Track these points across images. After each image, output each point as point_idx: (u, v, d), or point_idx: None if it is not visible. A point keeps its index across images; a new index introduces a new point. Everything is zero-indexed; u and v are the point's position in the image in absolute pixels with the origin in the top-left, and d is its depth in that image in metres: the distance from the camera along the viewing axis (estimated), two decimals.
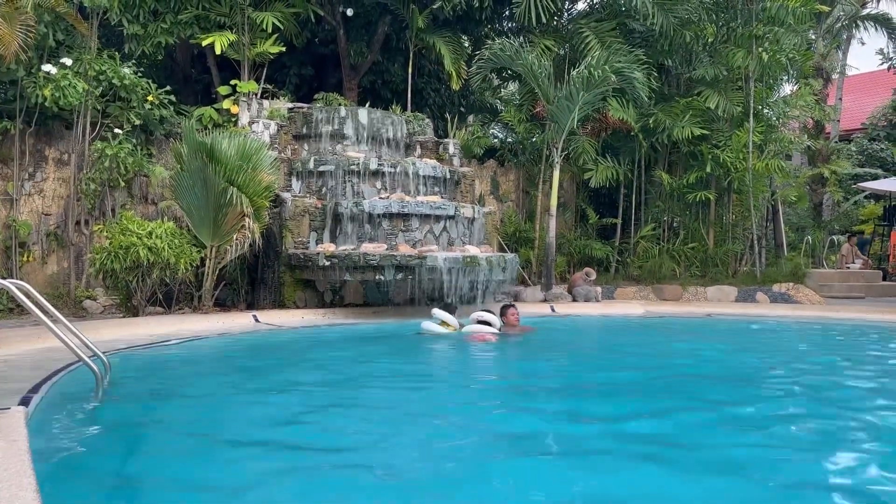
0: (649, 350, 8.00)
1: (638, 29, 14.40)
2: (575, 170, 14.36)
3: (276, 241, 9.95)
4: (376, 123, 11.62)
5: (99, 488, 3.19)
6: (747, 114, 13.36)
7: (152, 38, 11.74)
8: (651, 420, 4.52)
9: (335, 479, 3.34)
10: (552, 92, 12.41)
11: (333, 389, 5.47)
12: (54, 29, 9.94)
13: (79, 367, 5.10)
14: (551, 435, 4.17)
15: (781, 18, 13.06)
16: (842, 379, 6.15)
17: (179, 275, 8.75)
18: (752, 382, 6.02)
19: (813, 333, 9.70)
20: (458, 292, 9.36)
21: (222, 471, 3.44)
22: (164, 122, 10.94)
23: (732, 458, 3.68)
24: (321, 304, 10.04)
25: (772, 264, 14.31)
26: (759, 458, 3.66)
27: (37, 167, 10.24)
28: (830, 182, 18.93)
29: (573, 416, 4.64)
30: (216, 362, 6.86)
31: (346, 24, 14.08)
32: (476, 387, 5.92)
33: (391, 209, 10.07)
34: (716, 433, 4.21)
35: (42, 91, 9.36)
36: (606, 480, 3.33)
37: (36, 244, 10.17)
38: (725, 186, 14.11)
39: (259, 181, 9.24)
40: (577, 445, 3.94)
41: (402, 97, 14.23)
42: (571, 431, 4.26)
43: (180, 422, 4.45)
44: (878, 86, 25.12)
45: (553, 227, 12.46)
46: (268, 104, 11.51)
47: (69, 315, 8.24)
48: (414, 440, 4.04)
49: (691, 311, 11.29)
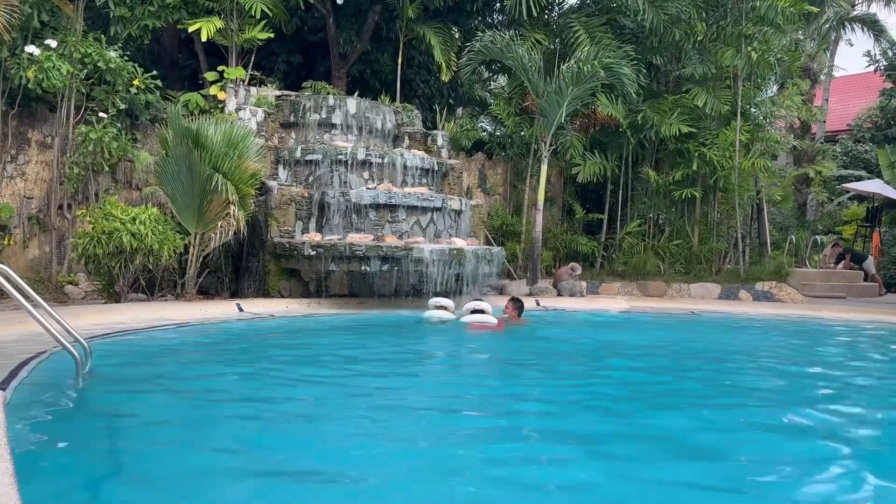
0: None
1: (628, 25, 14.42)
2: (563, 165, 14.37)
3: (261, 229, 9.88)
4: (365, 113, 11.56)
5: (76, 474, 3.16)
6: (735, 112, 13.43)
7: (139, 21, 11.59)
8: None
9: (308, 479, 3.32)
10: (542, 86, 12.39)
11: (318, 379, 5.45)
12: (39, 10, 9.78)
13: (59, 353, 5.05)
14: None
15: (770, 18, 13.13)
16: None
17: (163, 261, 8.67)
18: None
19: (805, 333, 9.73)
20: (444, 285, 9.37)
21: (200, 460, 3.41)
22: (149, 107, 10.82)
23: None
24: (306, 294, 10.00)
25: (755, 263, 14.41)
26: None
27: (19, 150, 10.09)
28: (815, 182, 19.07)
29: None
30: (198, 350, 6.81)
31: (335, 11, 13.97)
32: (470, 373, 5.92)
33: (378, 200, 10.03)
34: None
35: (25, 73, 9.22)
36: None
37: (17, 228, 10.04)
38: (711, 184, 14.18)
39: (245, 169, 9.16)
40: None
41: (392, 87, 14.16)
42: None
43: (160, 410, 4.41)
44: (864, 88, 25.28)
45: (540, 221, 12.47)
46: (255, 91, 11.42)
47: (50, 300, 8.13)
48: (400, 431, 4.03)
49: (675, 308, 11.35)
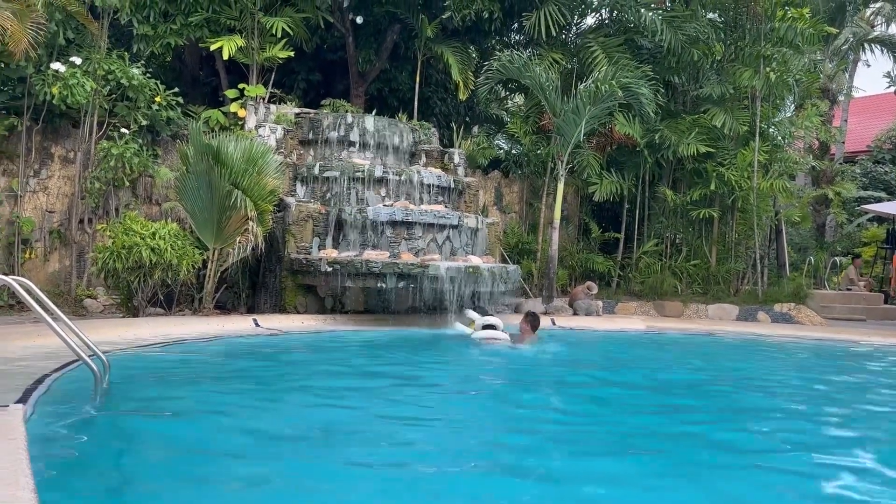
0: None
1: (646, 45, 14.43)
2: (579, 183, 14.35)
3: (278, 245, 9.93)
4: (382, 131, 11.62)
5: (95, 488, 3.17)
6: (753, 133, 13.37)
7: (161, 39, 11.77)
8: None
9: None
10: (559, 105, 12.42)
11: (338, 395, 5.44)
12: (65, 27, 9.96)
13: (78, 366, 5.08)
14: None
15: (790, 39, 13.09)
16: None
17: (181, 276, 8.73)
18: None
19: (828, 355, 9.56)
20: (460, 302, 9.35)
21: (218, 475, 3.41)
22: (170, 124, 10.94)
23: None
24: (322, 310, 10.01)
25: (774, 284, 14.27)
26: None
27: (42, 164, 10.23)
28: (834, 203, 18.90)
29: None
30: (216, 366, 6.83)
31: (355, 31, 14.11)
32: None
33: (395, 217, 10.06)
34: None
35: (50, 89, 9.37)
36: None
37: (39, 241, 10.16)
38: (729, 204, 14.09)
39: (264, 185, 9.23)
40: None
41: (409, 105, 14.24)
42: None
43: (177, 424, 4.42)
44: (883, 109, 25.10)
45: (556, 239, 12.45)
46: (275, 109, 11.52)
47: (69, 313, 8.21)
48: (412, 449, 4.01)
49: (693, 328, 11.25)
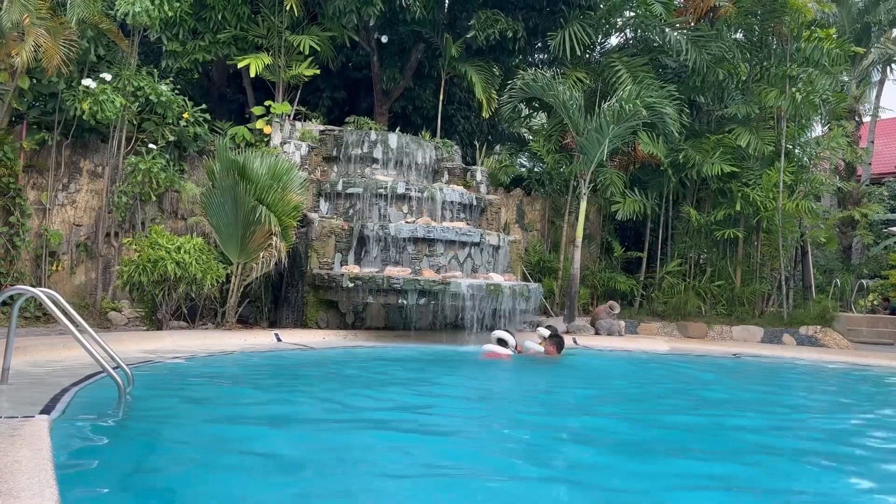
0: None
1: (670, 65, 14.42)
2: (602, 202, 14.31)
3: (301, 260, 9.99)
4: (405, 148, 11.69)
5: (116, 500, 3.17)
6: (778, 153, 13.26)
7: (190, 56, 11.97)
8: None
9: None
10: (582, 124, 12.42)
11: (358, 414, 5.43)
12: (96, 44, 10.17)
13: (102, 378, 5.12)
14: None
15: (816, 59, 13.00)
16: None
17: (205, 290, 8.80)
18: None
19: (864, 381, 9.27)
20: (481, 319, 9.33)
21: (244, 487, 3.41)
22: (197, 140, 11.10)
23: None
24: (343, 326, 10.04)
25: (799, 306, 14.07)
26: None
27: (71, 178, 10.41)
28: (861, 225, 18.63)
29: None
30: (239, 379, 6.85)
31: (380, 50, 14.26)
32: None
33: (417, 234, 10.08)
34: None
35: (81, 104, 9.56)
36: None
37: (66, 254, 10.31)
38: (754, 225, 13.95)
39: (288, 201, 9.31)
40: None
41: (432, 123, 14.33)
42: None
43: (201, 439, 4.42)
44: None
45: (578, 258, 12.39)
46: (300, 125, 11.64)
47: (94, 326, 8.30)
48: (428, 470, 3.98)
49: (717, 350, 11.08)
